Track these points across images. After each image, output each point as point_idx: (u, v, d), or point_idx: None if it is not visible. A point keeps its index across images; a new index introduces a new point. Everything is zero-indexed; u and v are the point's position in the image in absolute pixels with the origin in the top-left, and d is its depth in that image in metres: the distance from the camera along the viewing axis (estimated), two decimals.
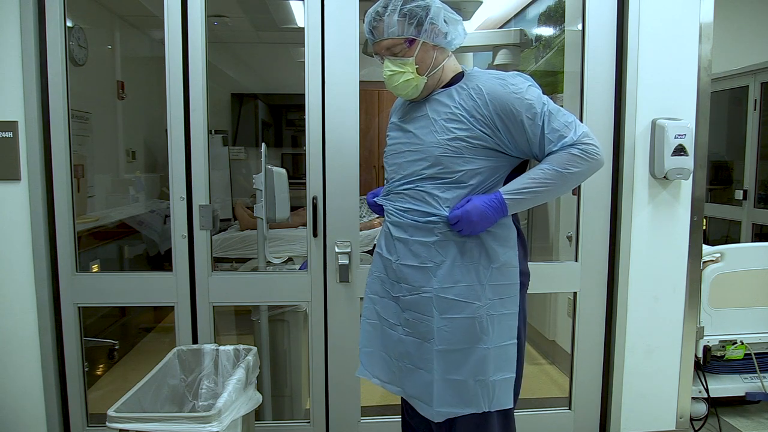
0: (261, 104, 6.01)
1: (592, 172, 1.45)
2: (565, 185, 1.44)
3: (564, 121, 1.42)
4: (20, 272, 2.15)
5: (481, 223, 1.42)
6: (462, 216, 1.41)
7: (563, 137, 1.41)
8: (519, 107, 1.40)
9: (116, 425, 1.55)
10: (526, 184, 1.43)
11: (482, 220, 1.41)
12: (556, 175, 1.41)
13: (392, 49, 1.45)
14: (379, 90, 5.00)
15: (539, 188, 1.42)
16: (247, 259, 3.55)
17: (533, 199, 1.44)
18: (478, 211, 1.41)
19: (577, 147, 1.41)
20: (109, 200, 3.84)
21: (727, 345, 2.59)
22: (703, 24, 2.24)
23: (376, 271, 1.64)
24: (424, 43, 1.45)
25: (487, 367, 1.43)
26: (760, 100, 3.86)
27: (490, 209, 1.42)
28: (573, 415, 2.42)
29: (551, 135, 1.41)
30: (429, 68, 1.47)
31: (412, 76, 1.45)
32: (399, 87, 1.48)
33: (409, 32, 1.43)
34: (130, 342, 3.56)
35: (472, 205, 1.42)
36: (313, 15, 2.14)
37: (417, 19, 1.42)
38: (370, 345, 1.63)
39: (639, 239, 2.30)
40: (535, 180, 1.42)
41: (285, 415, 2.47)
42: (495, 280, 1.46)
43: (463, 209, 1.41)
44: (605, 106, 2.27)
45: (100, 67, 3.92)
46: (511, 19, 3.81)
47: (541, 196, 1.44)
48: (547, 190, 1.43)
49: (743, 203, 4.00)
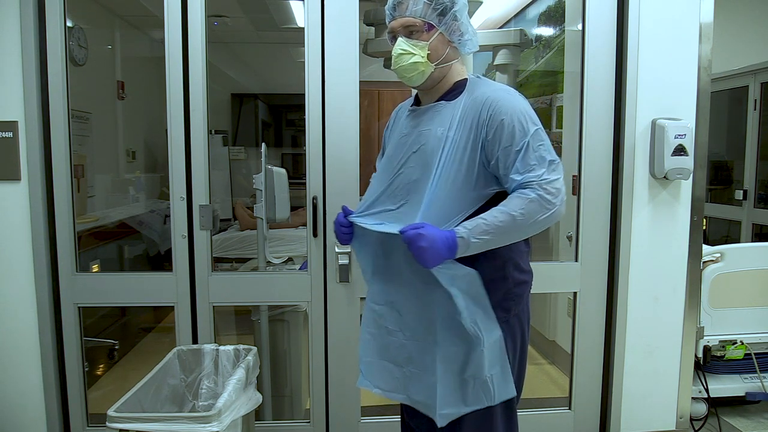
0: (261, 104, 6.01)
1: (549, 220, 1.37)
2: (519, 231, 1.37)
3: (544, 151, 1.38)
4: (20, 272, 2.15)
5: (429, 251, 1.32)
6: (413, 238, 1.33)
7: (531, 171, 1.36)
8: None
9: (116, 425, 1.55)
10: (480, 227, 1.34)
11: (432, 248, 1.32)
12: (511, 221, 1.34)
13: (409, 28, 1.45)
14: (379, 90, 5.00)
15: (491, 231, 1.34)
16: (247, 259, 3.55)
17: (484, 243, 1.35)
18: (429, 240, 1.32)
19: (532, 187, 1.35)
20: (109, 200, 3.85)
21: (727, 345, 2.59)
22: (703, 24, 2.24)
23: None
24: (440, 33, 1.46)
25: (483, 364, 1.44)
26: (760, 100, 3.86)
27: (441, 243, 1.32)
28: (573, 415, 2.42)
29: (522, 162, 1.37)
30: (439, 59, 1.47)
31: (422, 60, 1.45)
32: (406, 68, 1.46)
33: (432, 17, 1.44)
34: (130, 342, 3.56)
35: (426, 233, 1.33)
36: (313, 15, 2.14)
37: (442, 8, 1.44)
38: (369, 355, 1.62)
39: (639, 239, 2.30)
40: (488, 223, 1.34)
41: (285, 415, 2.47)
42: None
43: (416, 232, 1.33)
44: (605, 106, 2.27)
45: (100, 67, 3.92)
46: (511, 19, 3.81)
47: (492, 240, 1.36)
48: (500, 234, 1.35)
49: (743, 203, 4.01)
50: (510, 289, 1.48)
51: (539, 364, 3.27)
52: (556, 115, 3.31)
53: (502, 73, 3.46)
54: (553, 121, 3.35)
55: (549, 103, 3.41)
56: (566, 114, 3.07)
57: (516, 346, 1.52)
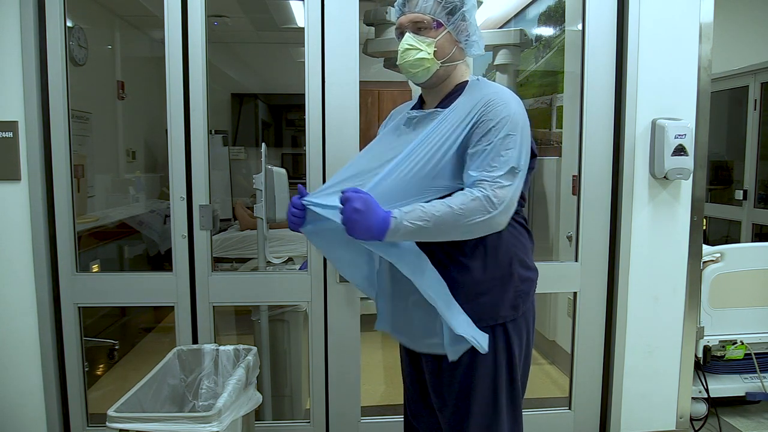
0: (261, 104, 6.01)
1: (485, 226, 1.32)
2: (455, 228, 1.31)
3: (508, 158, 1.34)
4: (20, 272, 2.15)
5: (362, 219, 1.26)
6: (351, 198, 1.27)
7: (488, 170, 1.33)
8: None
9: (116, 425, 1.55)
10: (417, 212, 1.30)
11: (365, 215, 1.26)
12: (450, 214, 1.29)
13: (418, 24, 1.45)
14: (379, 90, 5.01)
15: (426, 220, 1.29)
16: (247, 259, 3.55)
17: (417, 230, 1.29)
18: (366, 205, 1.26)
19: (482, 187, 1.32)
20: (109, 200, 3.85)
21: (727, 345, 2.59)
22: (703, 24, 2.24)
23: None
24: (448, 32, 1.46)
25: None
26: (760, 100, 3.86)
27: (376, 216, 1.27)
28: (573, 415, 2.42)
29: (484, 161, 1.34)
30: (445, 57, 1.47)
31: (428, 56, 1.45)
32: (411, 63, 1.46)
33: (441, 15, 1.44)
34: (130, 342, 3.57)
35: (367, 198, 1.28)
36: (313, 15, 2.14)
37: (452, 7, 1.44)
38: (382, 296, 1.62)
39: (639, 239, 2.30)
40: (425, 212, 1.30)
41: (285, 415, 2.47)
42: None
43: (358, 195, 1.28)
44: (605, 106, 2.27)
45: (100, 67, 3.92)
46: (511, 19, 3.81)
47: (426, 229, 1.30)
48: (434, 225, 1.29)
49: (743, 203, 4.01)
50: (518, 286, 1.48)
51: (539, 364, 3.27)
52: (556, 115, 3.31)
53: (502, 73, 3.46)
54: (553, 121, 3.35)
55: (549, 103, 3.41)
56: (566, 114, 3.07)
57: (522, 345, 1.52)
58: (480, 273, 1.45)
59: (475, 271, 1.45)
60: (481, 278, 1.45)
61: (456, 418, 1.51)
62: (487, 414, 1.49)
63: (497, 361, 1.48)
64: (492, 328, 1.46)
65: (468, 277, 1.45)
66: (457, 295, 1.45)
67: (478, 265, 1.45)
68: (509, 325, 1.48)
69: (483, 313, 1.46)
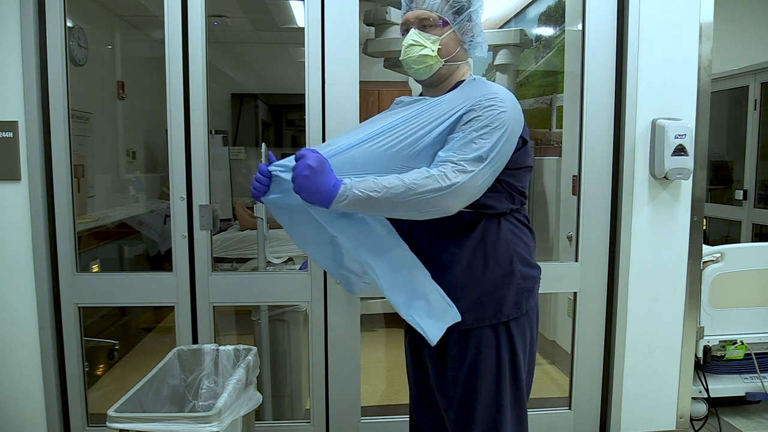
0: (261, 104, 6.01)
1: (436, 202, 1.30)
2: (407, 203, 1.28)
3: (479, 146, 1.32)
4: (20, 272, 2.15)
5: (313, 177, 1.25)
6: (307, 154, 1.28)
7: (456, 154, 1.32)
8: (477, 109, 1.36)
9: (116, 425, 1.55)
10: (369, 182, 1.28)
11: (316, 175, 1.26)
12: (401, 187, 1.28)
13: (424, 21, 1.45)
14: (379, 90, 5.00)
15: (377, 191, 1.27)
16: (247, 259, 3.55)
17: (366, 200, 1.27)
18: (320, 165, 1.27)
19: (443, 167, 1.30)
20: (109, 200, 3.85)
21: (727, 345, 2.59)
22: (703, 24, 2.24)
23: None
24: (453, 32, 1.46)
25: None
26: (760, 100, 3.86)
27: (327, 179, 1.26)
28: (573, 415, 2.42)
29: (455, 144, 1.33)
30: (449, 56, 1.47)
31: (431, 53, 1.44)
32: (414, 60, 1.46)
33: (447, 14, 1.44)
34: (130, 342, 3.56)
35: (323, 159, 1.28)
36: (313, 15, 2.14)
37: (459, 6, 1.45)
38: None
39: (639, 239, 2.30)
40: (377, 182, 1.28)
41: (285, 415, 2.47)
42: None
43: (315, 154, 1.28)
44: (605, 106, 2.27)
45: (100, 67, 3.92)
46: (511, 19, 3.81)
47: (376, 200, 1.28)
48: (385, 196, 1.28)
49: (743, 203, 4.01)
50: (520, 283, 1.48)
51: (539, 364, 3.27)
52: (556, 115, 3.31)
53: (502, 73, 3.46)
54: (553, 121, 3.35)
55: (549, 103, 3.41)
56: (566, 114, 3.07)
57: (525, 345, 1.52)
58: (481, 272, 1.45)
59: (477, 269, 1.45)
60: (483, 277, 1.45)
61: (460, 418, 1.50)
62: (492, 414, 1.48)
63: (501, 361, 1.47)
64: (495, 327, 1.46)
65: (470, 277, 1.45)
66: (459, 295, 1.45)
67: (479, 263, 1.45)
68: (512, 323, 1.47)
69: (486, 311, 1.46)
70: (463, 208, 1.37)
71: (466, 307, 1.45)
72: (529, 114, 3.57)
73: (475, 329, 1.47)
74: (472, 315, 1.46)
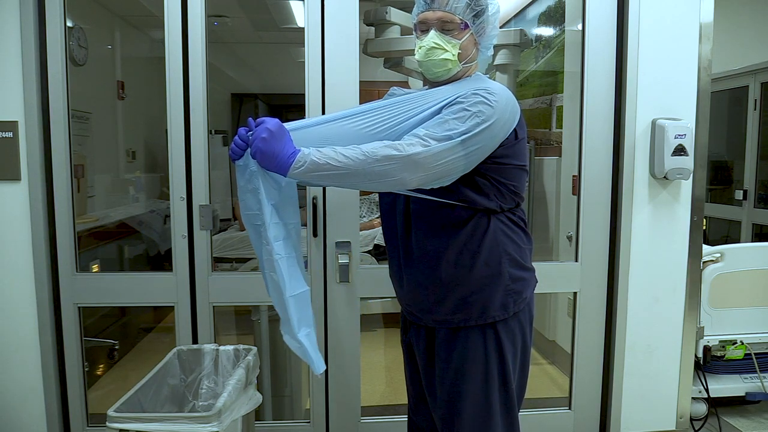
0: (261, 104, 6.01)
1: (392, 173, 1.28)
2: (364, 172, 1.27)
3: (451, 127, 1.31)
4: (20, 272, 2.15)
5: (271, 140, 1.26)
6: (267, 120, 1.29)
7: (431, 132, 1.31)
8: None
9: (116, 425, 1.55)
10: (327, 150, 1.28)
11: (275, 140, 1.26)
12: (358, 154, 1.27)
13: (446, 24, 1.44)
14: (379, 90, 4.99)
15: (335, 159, 1.26)
16: (247, 259, 3.56)
17: (324, 167, 1.26)
18: (279, 130, 1.27)
19: (408, 139, 1.30)
20: (109, 200, 3.85)
21: (727, 345, 2.59)
22: (703, 24, 2.24)
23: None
24: (471, 34, 1.46)
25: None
26: (760, 100, 3.86)
27: (286, 144, 1.27)
28: (573, 415, 2.42)
29: (431, 123, 1.33)
30: (467, 59, 1.47)
31: (452, 57, 1.44)
32: (435, 63, 1.44)
33: (468, 17, 1.44)
34: (130, 342, 3.56)
35: (284, 127, 1.29)
36: (313, 15, 2.14)
37: (480, 10, 1.45)
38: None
39: (639, 239, 2.30)
40: (336, 150, 1.28)
41: (285, 415, 2.47)
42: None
43: (275, 120, 1.29)
44: (605, 106, 2.27)
45: (100, 67, 3.92)
46: (511, 19, 3.81)
47: (334, 167, 1.26)
48: (344, 164, 1.26)
49: (743, 203, 4.01)
50: (508, 285, 1.46)
51: (539, 364, 3.27)
52: (556, 115, 3.31)
53: (502, 73, 3.46)
54: (553, 121, 3.35)
55: (549, 103, 3.41)
56: (566, 114, 3.07)
57: (516, 349, 1.50)
58: (467, 271, 1.44)
59: (464, 267, 1.44)
60: (470, 275, 1.44)
61: (448, 419, 1.49)
62: (480, 417, 1.47)
63: (488, 363, 1.46)
64: (482, 327, 1.45)
65: (457, 274, 1.44)
66: (446, 293, 1.45)
67: (466, 261, 1.44)
68: (500, 326, 1.46)
69: (472, 311, 1.45)
70: (424, 185, 1.34)
71: (453, 306, 1.45)
72: (529, 114, 3.57)
73: (462, 329, 1.46)
74: (458, 314, 1.45)
